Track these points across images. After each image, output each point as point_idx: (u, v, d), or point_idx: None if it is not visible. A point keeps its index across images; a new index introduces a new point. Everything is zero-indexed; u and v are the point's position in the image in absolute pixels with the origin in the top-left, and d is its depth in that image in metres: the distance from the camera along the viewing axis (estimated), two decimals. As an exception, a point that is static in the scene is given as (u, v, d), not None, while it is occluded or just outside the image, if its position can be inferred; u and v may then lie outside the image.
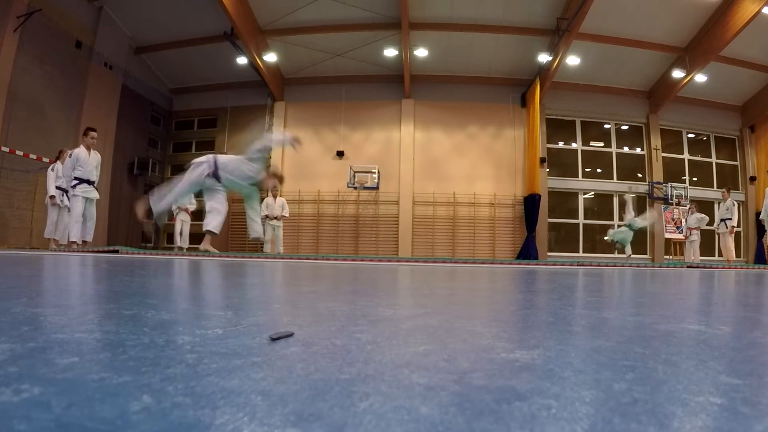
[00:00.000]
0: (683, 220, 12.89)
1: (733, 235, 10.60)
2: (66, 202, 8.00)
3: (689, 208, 12.29)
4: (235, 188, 6.16)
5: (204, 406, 0.37)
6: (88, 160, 7.31)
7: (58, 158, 8.20)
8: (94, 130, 7.53)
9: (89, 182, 7.36)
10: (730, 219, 10.53)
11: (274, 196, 10.92)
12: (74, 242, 7.21)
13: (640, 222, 11.32)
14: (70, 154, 7.37)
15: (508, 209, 14.20)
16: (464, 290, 1.93)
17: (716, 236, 10.87)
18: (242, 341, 0.64)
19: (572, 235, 14.69)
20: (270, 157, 14.04)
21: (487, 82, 14.50)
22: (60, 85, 10.94)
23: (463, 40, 13.11)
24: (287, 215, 11.18)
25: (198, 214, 11.64)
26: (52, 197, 7.90)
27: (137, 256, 5.69)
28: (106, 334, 0.67)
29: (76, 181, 7.26)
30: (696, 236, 11.66)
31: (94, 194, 7.48)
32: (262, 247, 11.06)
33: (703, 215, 11.81)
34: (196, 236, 9.20)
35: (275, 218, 10.77)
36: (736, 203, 10.65)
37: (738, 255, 13.90)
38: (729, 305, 1.57)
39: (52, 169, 8.06)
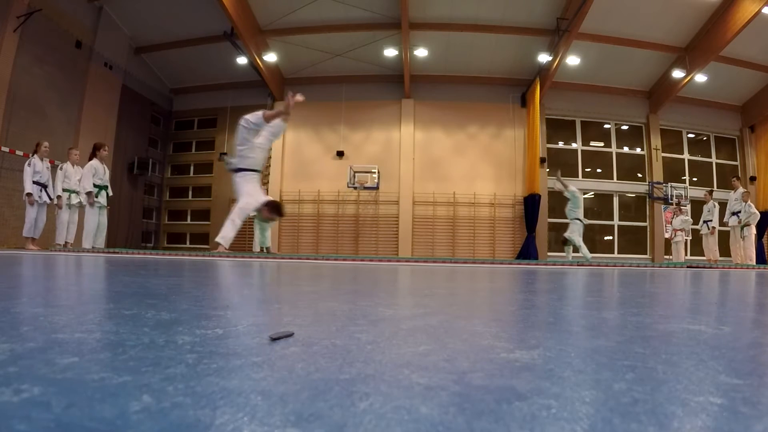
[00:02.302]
0: (670, 222, 13.06)
1: (716, 235, 10.79)
2: (45, 198, 7.62)
3: (674, 210, 12.56)
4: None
5: (204, 406, 0.37)
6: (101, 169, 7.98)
7: (35, 152, 7.68)
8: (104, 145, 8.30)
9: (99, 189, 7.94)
10: (711, 221, 10.78)
11: None
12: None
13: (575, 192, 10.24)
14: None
15: (508, 209, 14.20)
16: (464, 290, 1.93)
17: (703, 237, 11.18)
18: (242, 341, 0.64)
19: (572, 235, 14.68)
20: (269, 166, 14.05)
21: (487, 82, 14.49)
22: (60, 85, 10.94)
23: (463, 40, 13.11)
24: None
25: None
26: (29, 195, 7.39)
27: (137, 256, 5.69)
28: (106, 334, 0.67)
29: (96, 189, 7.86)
30: (680, 237, 12.01)
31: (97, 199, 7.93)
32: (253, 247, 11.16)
33: (688, 218, 12.24)
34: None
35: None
36: (717, 205, 10.84)
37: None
38: (729, 305, 1.57)
39: (29, 164, 7.48)
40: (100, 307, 1.02)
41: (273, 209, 6.15)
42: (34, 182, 7.49)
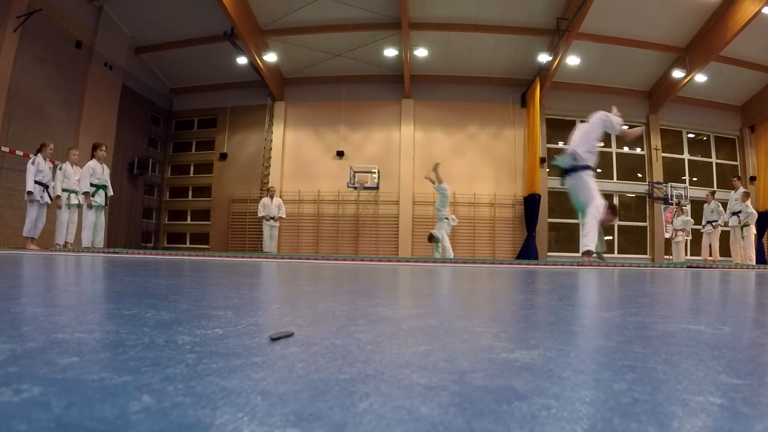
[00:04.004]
0: (671, 221, 13.14)
1: (713, 235, 10.99)
2: (46, 198, 7.64)
3: (675, 210, 12.62)
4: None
5: (204, 406, 0.37)
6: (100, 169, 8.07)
7: (39, 151, 7.67)
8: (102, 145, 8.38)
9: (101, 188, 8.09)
10: (717, 221, 10.96)
11: (271, 197, 11.11)
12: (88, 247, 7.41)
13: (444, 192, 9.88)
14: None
15: (508, 209, 14.19)
16: (464, 290, 1.93)
17: (704, 236, 11.33)
18: (242, 341, 0.64)
19: (572, 235, 14.66)
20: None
21: (487, 82, 14.49)
22: (60, 85, 10.94)
23: (463, 40, 13.11)
24: (284, 216, 11.31)
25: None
26: (30, 193, 7.36)
27: (137, 256, 5.69)
28: (106, 334, 0.67)
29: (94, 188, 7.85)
30: (681, 237, 12.09)
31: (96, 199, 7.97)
32: (262, 247, 11.20)
33: (689, 218, 12.31)
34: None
35: (272, 219, 10.93)
36: (720, 205, 10.94)
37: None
38: (729, 305, 1.57)
39: (33, 163, 7.47)
40: (100, 307, 1.02)
41: (614, 211, 5.74)
42: (36, 182, 7.49)
